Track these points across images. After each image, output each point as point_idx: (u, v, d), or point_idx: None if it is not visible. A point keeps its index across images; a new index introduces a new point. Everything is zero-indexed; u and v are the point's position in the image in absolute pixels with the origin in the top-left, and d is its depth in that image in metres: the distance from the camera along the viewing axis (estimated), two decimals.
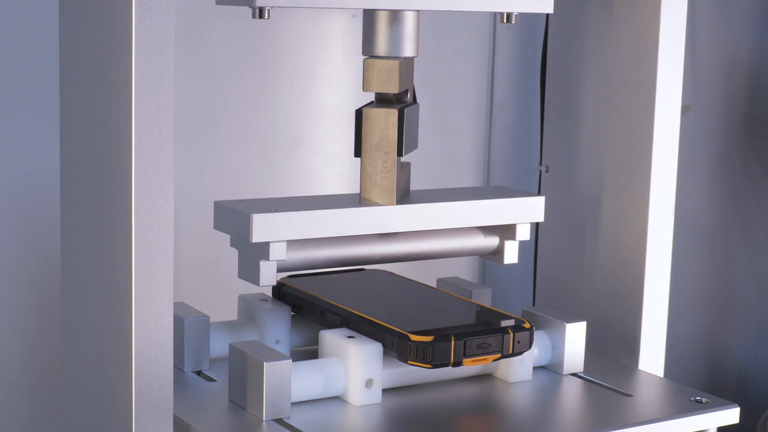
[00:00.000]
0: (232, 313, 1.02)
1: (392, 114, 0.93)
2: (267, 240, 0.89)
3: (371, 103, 0.95)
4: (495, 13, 0.90)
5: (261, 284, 0.90)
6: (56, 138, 0.85)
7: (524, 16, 1.39)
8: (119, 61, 0.75)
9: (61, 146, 0.84)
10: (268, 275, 0.90)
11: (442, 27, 1.35)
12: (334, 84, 1.29)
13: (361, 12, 0.94)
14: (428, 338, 0.86)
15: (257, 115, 1.27)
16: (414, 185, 1.00)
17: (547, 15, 1.21)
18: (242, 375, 0.84)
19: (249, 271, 0.91)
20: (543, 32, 1.39)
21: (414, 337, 0.86)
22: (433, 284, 1.09)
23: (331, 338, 0.89)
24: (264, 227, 0.89)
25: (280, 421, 0.83)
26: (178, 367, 0.92)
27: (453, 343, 0.86)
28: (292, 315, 0.97)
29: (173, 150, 0.76)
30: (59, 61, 0.84)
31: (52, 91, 1.09)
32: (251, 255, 0.90)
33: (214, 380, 0.92)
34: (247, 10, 0.83)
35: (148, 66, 0.74)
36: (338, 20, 1.29)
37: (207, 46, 1.23)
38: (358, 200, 0.95)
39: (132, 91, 0.74)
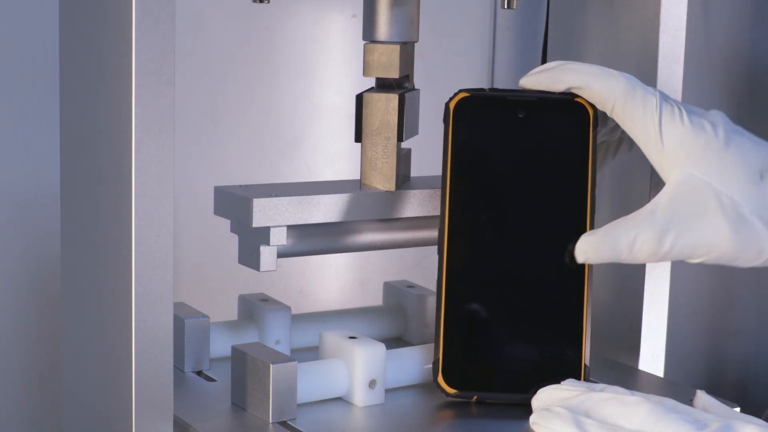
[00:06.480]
0: (232, 313, 1.02)
1: (393, 99, 0.93)
2: (267, 225, 0.89)
3: (372, 88, 0.95)
4: (495, 0, 0.90)
5: (261, 269, 0.90)
6: (56, 138, 0.85)
7: (525, 15, 1.39)
8: (119, 60, 0.75)
9: (61, 146, 0.84)
10: (269, 260, 0.90)
11: (443, 26, 1.35)
12: (334, 84, 1.29)
13: (361, 11, 0.94)
14: None
15: (257, 115, 1.26)
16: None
17: (548, 14, 1.21)
18: (246, 377, 0.84)
19: (249, 256, 0.91)
20: (543, 32, 1.39)
21: None
22: (433, 286, 1.09)
23: (333, 339, 0.89)
24: (264, 212, 0.89)
25: (284, 424, 0.83)
26: (178, 367, 0.92)
27: None
28: None
29: (173, 150, 0.75)
30: (59, 60, 0.83)
31: (52, 91, 1.09)
32: (251, 240, 0.90)
33: (214, 380, 0.92)
34: (247, 6, 0.83)
35: (148, 66, 0.74)
36: (338, 20, 1.29)
37: (206, 46, 1.23)
38: (359, 186, 0.95)
39: (132, 91, 0.74)
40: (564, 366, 0.88)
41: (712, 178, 0.84)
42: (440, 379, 0.87)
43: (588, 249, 0.86)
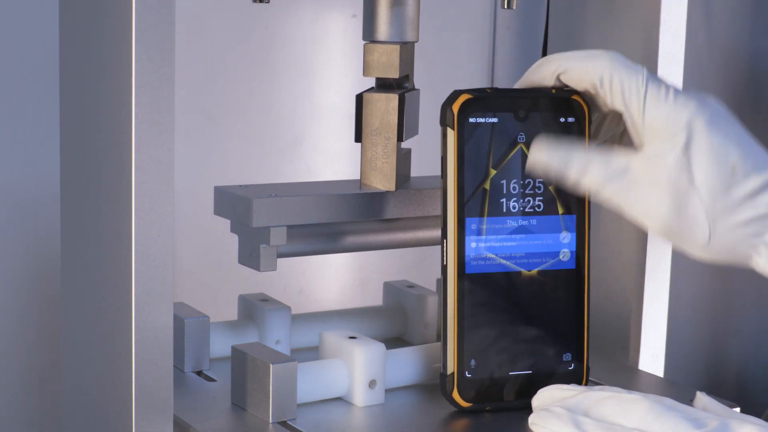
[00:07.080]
0: (232, 313, 1.02)
1: (393, 99, 0.93)
2: (267, 225, 0.89)
3: (372, 88, 0.95)
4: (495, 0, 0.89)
5: (261, 269, 0.90)
6: (56, 138, 0.85)
7: (525, 15, 1.39)
8: (119, 60, 0.75)
9: (61, 146, 0.84)
10: (269, 260, 0.90)
11: (442, 27, 1.35)
12: (334, 84, 1.29)
13: (361, 11, 0.94)
14: None
15: (257, 115, 1.26)
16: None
17: (548, 14, 1.21)
18: (246, 377, 0.84)
19: (249, 256, 0.91)
20: (543, 33, 1.39)
21: None
22: (433, 286, 1.09)
23: (333, 339, 0.89)
24: (264, 212, 0.89)
25: (284, 424, 0.83)
26: (178, 368, 0.92)
27: None
28: None
29: (173, 150, 0.75)
30: (59, 60, 0.83)
31: (52, 91, 1.09)
32: (251, 240, 0.90)
33: (214, 380, 0.92)
34: (248, 6, 0.83)
35: (148, 66, 0.74)
36: (338, 20, 1.29)
37: (206, 46, 1.23)
38: (359, 186, 0.95)
39: (132, 91, 0.74)
40: (567, 369, 0.88)
41: (681, 152, 0.82)
42: (455, 394, 0.87)
43: (543, 157, 0.86)
